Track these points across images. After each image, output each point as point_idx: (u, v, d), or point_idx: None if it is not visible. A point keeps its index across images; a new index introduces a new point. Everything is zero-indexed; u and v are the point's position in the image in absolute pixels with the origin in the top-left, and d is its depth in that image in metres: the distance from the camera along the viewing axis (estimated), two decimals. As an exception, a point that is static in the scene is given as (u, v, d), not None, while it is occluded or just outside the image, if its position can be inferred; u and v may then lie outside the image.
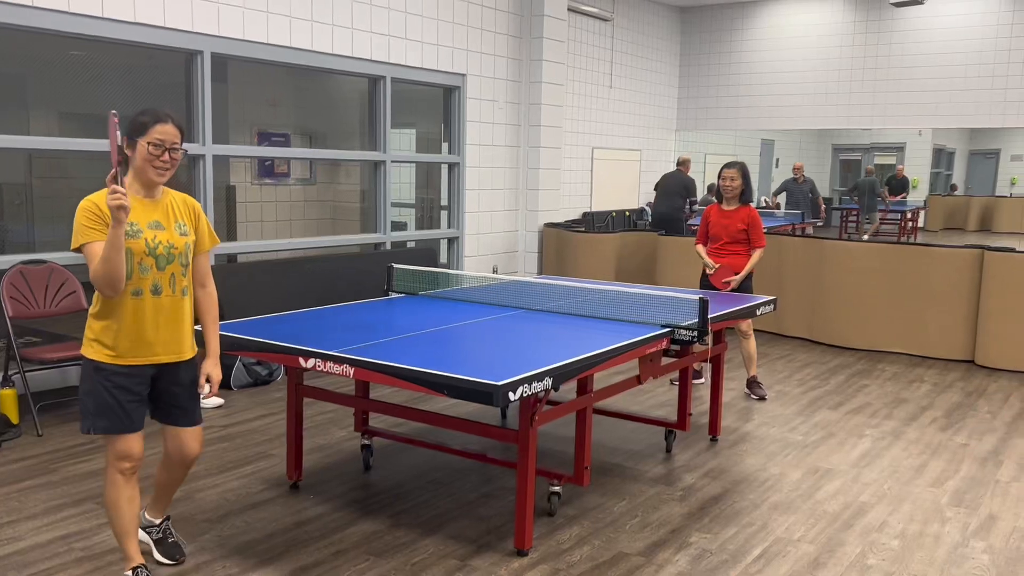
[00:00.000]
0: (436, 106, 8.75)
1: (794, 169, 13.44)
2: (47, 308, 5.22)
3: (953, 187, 23.62)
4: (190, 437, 3.16)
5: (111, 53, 6.45)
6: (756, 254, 5.84)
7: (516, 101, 9.20)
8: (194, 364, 3.14)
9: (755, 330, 8.36)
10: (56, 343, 5.28)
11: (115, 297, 2.85)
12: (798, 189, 13.18)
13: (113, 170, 2.71)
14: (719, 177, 5.98)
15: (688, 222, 10.46)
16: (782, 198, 13.53)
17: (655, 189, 10.55)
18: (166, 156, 2.91)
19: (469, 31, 8.49)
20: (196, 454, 3.20)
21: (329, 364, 3.32)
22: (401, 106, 8.36)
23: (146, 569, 3.08)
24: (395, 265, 5.06)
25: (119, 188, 2.67)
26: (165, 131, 2.89)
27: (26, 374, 5.00)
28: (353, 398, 4.17)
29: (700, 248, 6.05)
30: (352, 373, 3.27)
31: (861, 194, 15.51)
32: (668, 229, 9.60)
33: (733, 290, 5.77)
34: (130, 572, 3.04)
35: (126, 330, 2.91)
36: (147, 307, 2.93)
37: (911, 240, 16.87)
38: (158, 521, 3.38)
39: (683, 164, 10.81)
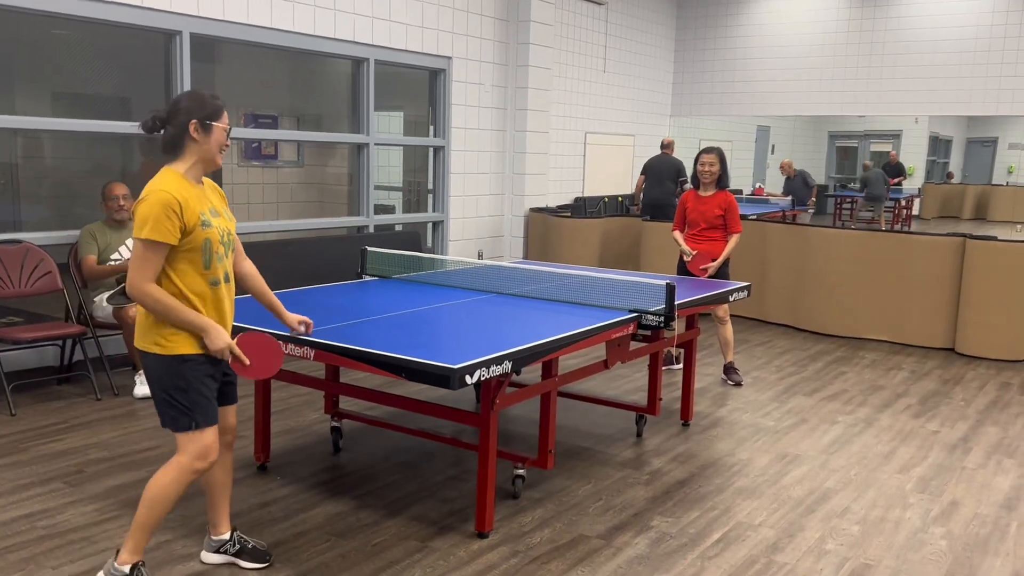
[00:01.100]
0: (424, 89, 8.72)
1: (781, 168, 13.75)
2: (22, 288, 5.23)
3: (949, 175, 23.60)
4: (233, 413, 3.17)
5: (95, 32, 6.44)
6: (733, 240, 5.84)
7: (503, 84, 9.17)
8: None
9: (737, 316, 8.37)
10: (32, 323, 5.29)
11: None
12: (791, 185, 13.48)
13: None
14: (696, 162, 5.97)
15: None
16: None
17: (643, 173, 10.46)
18: (230, 141, 2.98)
19: (455, 13, 8.45)
20: (235, 428, 3.21)
21: (290, 346, 3.33)
22: (389, 89, 8.34)
23: (145, 567, 2.96)
24: (369, 248, 5.06)
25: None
26: (227, 116, 2.94)
27: (0, 354, 5.01)
28: (322, 381, 4.18)
29: (677, 234, 6.05)
30: (313, 356, 3.28)
31: (872, 186, 15.52)
32: (659, 214, 9.57)
33: (711, 276, 5.77)
34: (129, 567, 2.89)
35: (214, 319, 2.89)
36: (224, 295, 2.93)
37: (904, 228, 16.85)
38: (228, 535, 3.24)
39: (668, 147, 10.73)
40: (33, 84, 7.17)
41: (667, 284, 4.04)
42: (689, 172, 9.48)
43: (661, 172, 10.16)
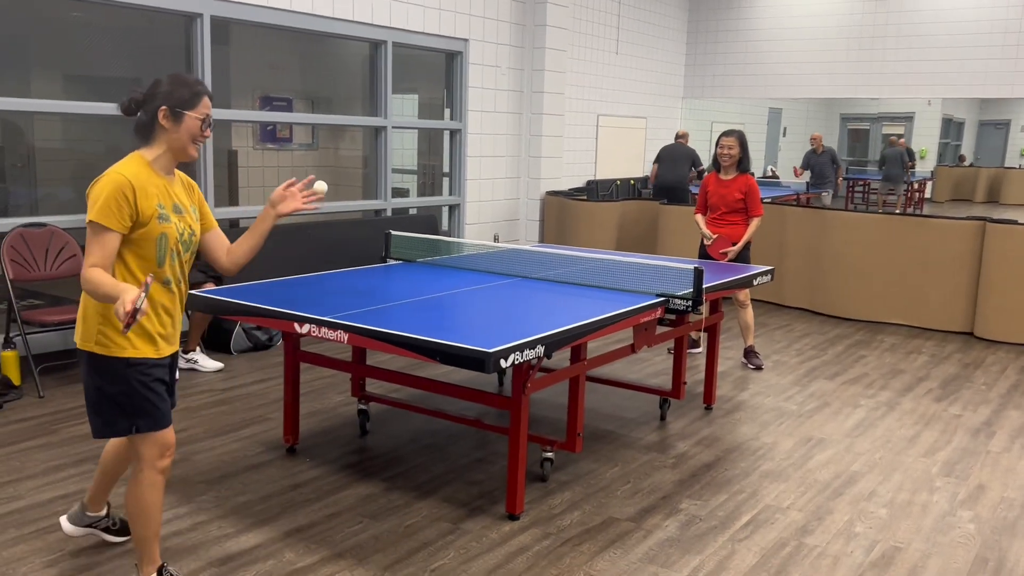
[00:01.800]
0: (439, 71, 8.70)
1: (811, 140, 13.33)
2: (48, 271, 5.26)
3: (961, 158, 23.47)
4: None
5: (112, 15, 6.42)
6: (753, 223, 5.83)
7: (519, 67, 9.14)
8: None
9: (755, 300, 8.37)
10: (57, 306, 5.32)
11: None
12: (817, 160, 13.07)
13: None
14: (717, 145, 5.95)
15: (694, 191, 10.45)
16: (806, 171, 13.44)
17: (656, 161, 10.49)
18: (208, 132, 2.73)
19: (472, -4, 8.41)
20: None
21: (324, 330, 3.35)
22: (404, 71, 8.32)
23: (169, 569, 2.91)
24: (393, 232, 5.07)
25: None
26: (208, 104, 2.71)
27: (27, 336, 5.05)
28: (350, 364, 4.20)
29: (699, 218, 6.05)
30: (346, 339, 3.30)
31: (890, 165, 15.29)
32: (673, 198, 9.56)
33: (731, 260, 5.77)
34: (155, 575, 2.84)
35: (163, 321, 2.70)
36: (176, 296, 2.75)
37: (916, 211, 16.77)
38: (104, 512, 3.17)
39: (682, 137, 10.84)
40: (48, 67, 7.17)
41: (695, 268, 4.04)
42: (706, 161, 9.48)
43: (676, 157, 10.27)
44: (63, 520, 3.19)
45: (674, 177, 10.25)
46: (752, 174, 5.98)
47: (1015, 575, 3.21)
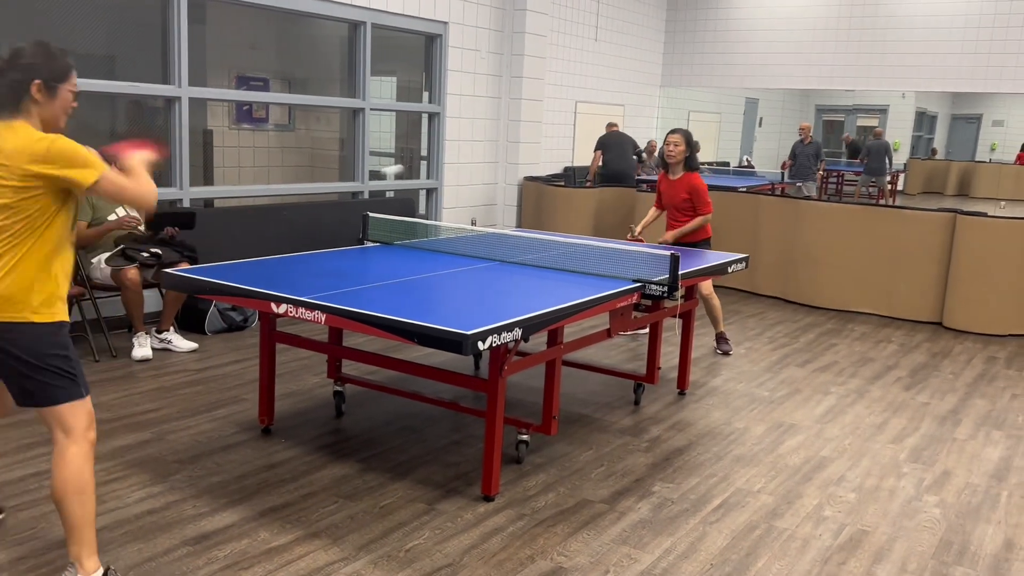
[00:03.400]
0: (418, 54, 8.66)
1: (800, 130, 13.22)
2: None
3: (933, 151, 23.73)
4: None
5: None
6: (697, 220, 5.83)
7: (498, 51, 9.12)
8: None
9: (729, 288, 8.45)
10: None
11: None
12: (803, 151, 12.99)
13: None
14: (664, 144, 5.98)
15: (639, 176, 10.50)
16: (792, 160, 13.39)
17: (599, 148, 10.30)
18: (75, 103, 2.68)
19: (452, -22, 8.38)
20: None
21: (301, 310, 3.34)
22: (383, 53, 8.27)
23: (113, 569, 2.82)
24: (371, 214, 5.06)
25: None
26: (75, 75, 2.66)
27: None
28: (326, 345, 4.20)
29: (652, 211, 6.19)
30: (323, 320, 3.29)
31: (874, 158, 15.30)
32: (621, 185, 9.58)
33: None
34: (103, 572, 2.71)
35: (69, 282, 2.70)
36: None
37: (889, 203, 16.96)
38: None
39: (613, 125, 10.75)
40: (14, 40, 7.05)
41: (671, 255, 4.07)
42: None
43: (622, 145, 10.15)
44: None
45: (623, 165, 10.17)
46: (699, 171, 5.98)
47: (978, 558, 3.29)
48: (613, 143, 10.17)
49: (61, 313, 2.62)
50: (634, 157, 10.35)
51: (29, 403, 2.60)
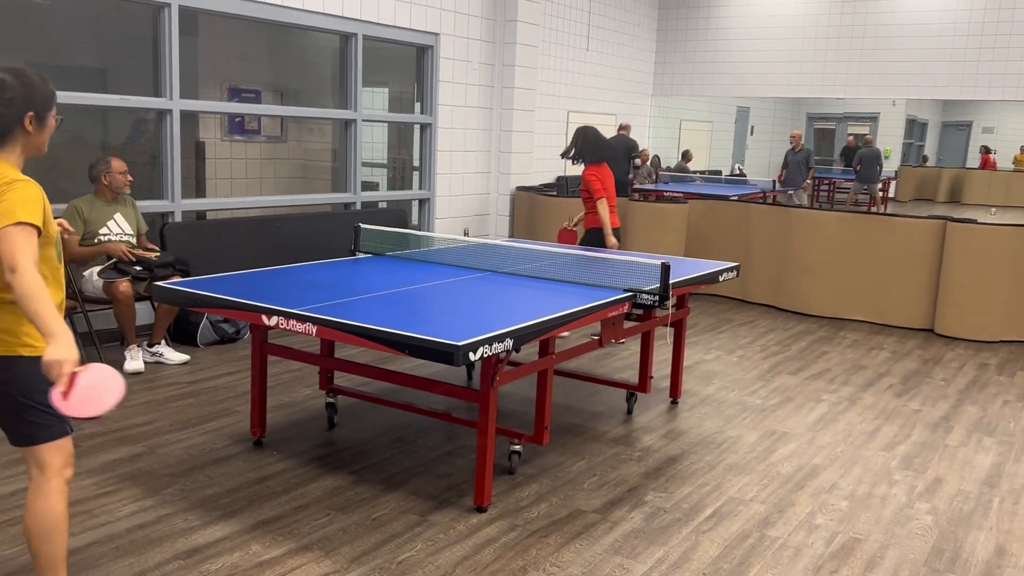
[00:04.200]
0: (409, 65, 8.68)
1: (791, 138, 13.25)
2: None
3: (925, 158, 23.85)
4: None
5: (77, 2, 6.34)
6: (599, 208, 6.15)
7: (490, 62, 9.15)
8: None
9: (721, 296, 8.47)
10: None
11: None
12: (793, 159, 13.00)
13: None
14: None
15: (634, 185, 10.49)
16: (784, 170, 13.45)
17: None
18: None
19: (443, -10, 8.41)
20: None
21: (292, 322, 3.34)
22: (374, 64, 8.29)
23: None
24: (362, 226, 5.06)
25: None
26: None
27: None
28: (318, 356, 4.19)
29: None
30: (315, 331, 3.29)
31: (866, 165, 15.39)
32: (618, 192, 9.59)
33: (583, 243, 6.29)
34: None
35: None
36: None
37: (881, 211, 17.02)
38: None
39: (624, 128, 10.80)
40: (9, 54, 7.05)
41: (662, 264, 4.08)
42: (676, 157, 9.54)
43: (615, 149, 10.15)
44: None
45: (614, 171, 10.14)
46: (598, 163, 6.23)
47: (970, 565, 3.30)
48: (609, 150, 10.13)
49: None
50: (630, 160, 10.32)
51: (13, 442, 2.52)
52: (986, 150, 22.91)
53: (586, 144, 6.21)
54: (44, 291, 2.27)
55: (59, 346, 2.21)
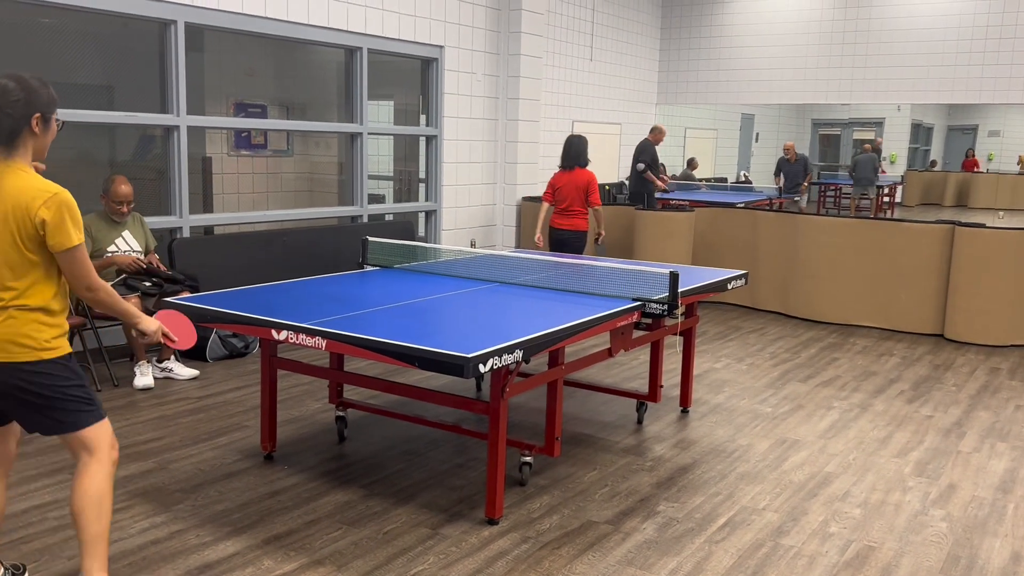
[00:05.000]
0: (414, 78, 8.71)
1: (784, 149, 13.48)
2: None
3: (932, 163, 23.81)
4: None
5: (83, 20, 6.38)
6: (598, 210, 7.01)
7: (494, 73, 9.17)
8: None
9: (729, 304, 8.45)
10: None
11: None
12: (791, 169, 13.24)
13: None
14: None
15: (656, 194, 10.41)
16: (781, 177, 13.57)
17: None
18: None
19: (447, 2, 8.44)
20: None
21: (301, 336, 3.35)
22: (379, 77, 8.32)
23: None
24: (370, 238, 5.07)
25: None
26: None
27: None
28: (327, 370, 4.19)
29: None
30: (324, 345, 3.30)
31: (861, 169, 15.51)
32: (640, 202, 9.59)
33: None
34: None
35: None
36: None
37: (887, 216, 17.00)
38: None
39: (652, 131, 10.65)
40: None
41: (671, 273, 4.08)
42: (681, 165, 9.53)
43: (633, 158, 10.16)
44: None
45: (632, 180, 10.21)
46: (585, 168, 6.95)
47: (986, 572, 3.27)
48: (633, 157, 10.08)
49: (67, 347, 2.72)
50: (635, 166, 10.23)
51: (55, 432, 2.70)
52: (969, 154, 23.06)
53: (570, 150, 6.98)
54: (116, 294, 2.76)
55: (146, 322, 2.92)
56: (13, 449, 2.88)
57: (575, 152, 6.90)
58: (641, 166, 9.96)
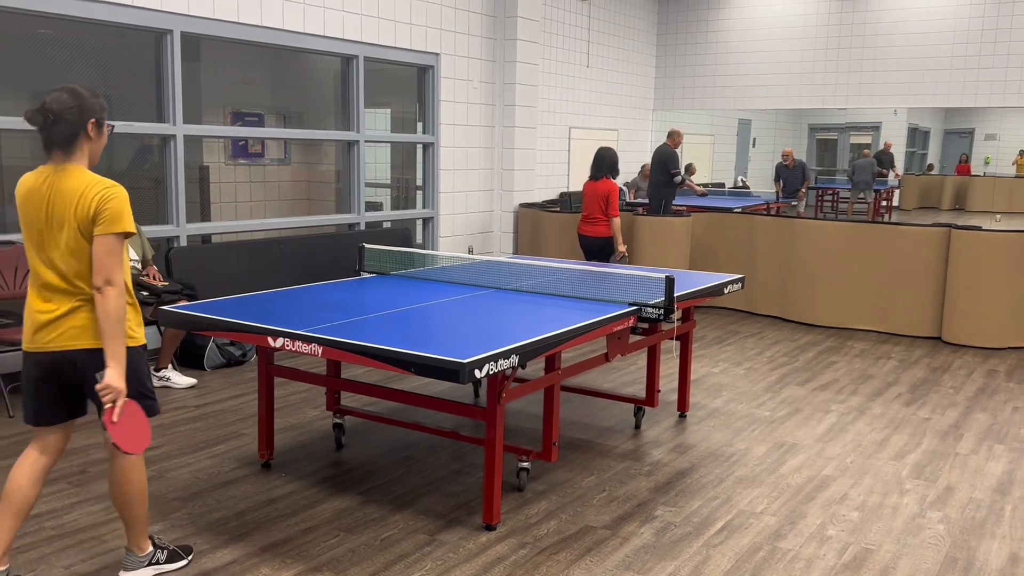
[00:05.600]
0: (411, 85, 8.73)
1: (782, 155, 13.51)
2: (17, 289, 5.21)
3: (930, 166, 23.85)
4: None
5: (80, 31, 6.39)
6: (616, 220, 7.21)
7: (491, 81, 9.19)
8: None
9: (727, 308, 8.46)
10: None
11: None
12: (789, 174, 13.29)
13: None
14: None
15: (673, 201, 10.16)
16: (780, 183, 13.62)
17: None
18: None
19: (443, 10, 8.47)
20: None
21: (298, 343, 3.35)
22: (376, 85, 8.34)
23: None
24: (367, 245, 5.08)
25: None
26: None
27: (-3, 355, 4.99)
28: (324, 377, 4.20)
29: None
30: (321, 352, 3.30)
31: (859, 173, 15.55)
32: (656, 207, 9.51)
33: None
34: (152, 548, 3.10)
35: None
36: None
37: (885, 219, 17.03)
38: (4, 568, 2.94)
39: (669, 136, 10.33)
40: (15, 84, 7.11)
41: (667, 277, 4.09)
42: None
43: (654, 164, 9.87)
44: None
45: (651, 185, 9.85)
46: (610, 179, 7.20)
47: (984, 574, 3.27)
48: (652, 161, 9.76)
49: (143, 337, 2.92)
50: (667, 174, 9.65)
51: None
52: (963, 159, 23.23)
53: (597, 163, 7.24)
54: (124, 314, 2.72)
55: (119, 374, 2.70)
56: (64, 445, 3.04)
57: (598, 163, 7.22)
58: (679, 177, 9.68)
